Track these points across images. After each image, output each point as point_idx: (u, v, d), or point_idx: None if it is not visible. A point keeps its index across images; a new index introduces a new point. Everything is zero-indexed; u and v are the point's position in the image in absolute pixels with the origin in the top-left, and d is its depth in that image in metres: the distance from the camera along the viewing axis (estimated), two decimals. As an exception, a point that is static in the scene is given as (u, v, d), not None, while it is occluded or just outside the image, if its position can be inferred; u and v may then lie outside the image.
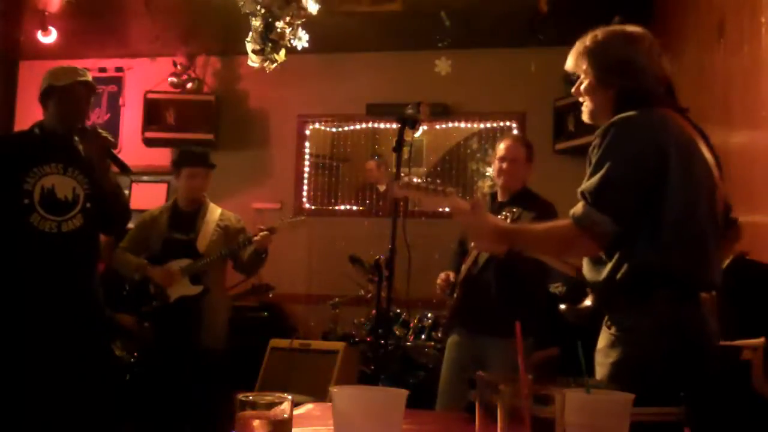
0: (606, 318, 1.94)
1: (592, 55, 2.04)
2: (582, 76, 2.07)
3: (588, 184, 1.87)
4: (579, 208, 1.87)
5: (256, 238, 4.06)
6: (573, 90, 2.12)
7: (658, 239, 1.83)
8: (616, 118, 1.90)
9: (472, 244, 3.46)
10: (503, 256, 3.37)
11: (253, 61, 4.01)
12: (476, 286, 3.56)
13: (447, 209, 2.03)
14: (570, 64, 2.10)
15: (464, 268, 3.62)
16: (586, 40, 2.07)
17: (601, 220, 1.82)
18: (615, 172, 1.84)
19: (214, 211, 4.25)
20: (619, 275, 1.85)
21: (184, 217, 4.20)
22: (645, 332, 1.83)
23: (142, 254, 4.19)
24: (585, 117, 2.11)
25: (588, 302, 1.99)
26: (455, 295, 3.63)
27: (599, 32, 2.07)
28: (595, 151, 1.90)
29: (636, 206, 1.84)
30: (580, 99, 2.10)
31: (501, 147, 3.72)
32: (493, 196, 3.77)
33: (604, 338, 1.93)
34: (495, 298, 3.50)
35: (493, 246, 2.15)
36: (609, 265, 1.87)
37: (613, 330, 1.90)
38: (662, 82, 2.05)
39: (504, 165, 3.66)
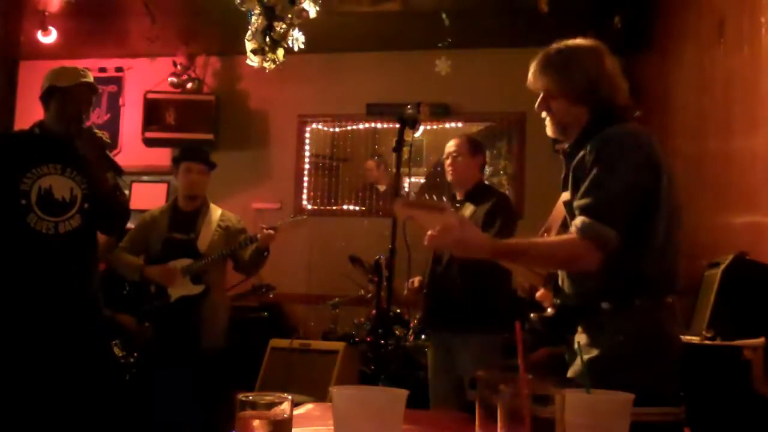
0: (583, 322, 1.99)
1: (563, 70, 2.05)
2: (546, 92, 2.07)
3: (591, 199, 1.90)
4: (585, 221, 1.89)
5: (259, 235, 4.06)
6: (537, 106, 2.11)
7: (650, 253, 1.91)
8: (608, 133, 1.94)
9: (426, 242, 3.50)
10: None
11: (252, 60, 4.00)
12: (441, 285, 3.61)
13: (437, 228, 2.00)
14: (531, 80, 2.10)
15: (428, 268, 3.67)
16: (551, 56, 2.07)
17: (609, 233, 1.87)
18: (618, 187, 1.89)
19: (215, 212, 4.25)
20: (610, 283, 1.92)
21: (184, 217, 4.19)
22: (625, 334, 1.89)
23: (141, 254, 4.18)
24: (553, 132, 2.12)
25: (550, 310, 2.05)
26: (423, 293, 3.70)
27: (561, 47, 2.08)
28: (588, 165, 1.93)
29: (631, 220, 1.89)
30: (543, 115, 2.11)
31: (447, 145, 3.82)
32: (454, 196, 3.83)
33: (582, 339, 1.98)
34: (460, 295, 3.55)
35: (447, 245, 2.10)
36: (599, 274, 1.91)
37: (591, 332, 1.96)
38: (626, 94, 2.08)
39: (448, 162, 3.74)
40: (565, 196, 2.09)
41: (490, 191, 3.79)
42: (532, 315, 2.07)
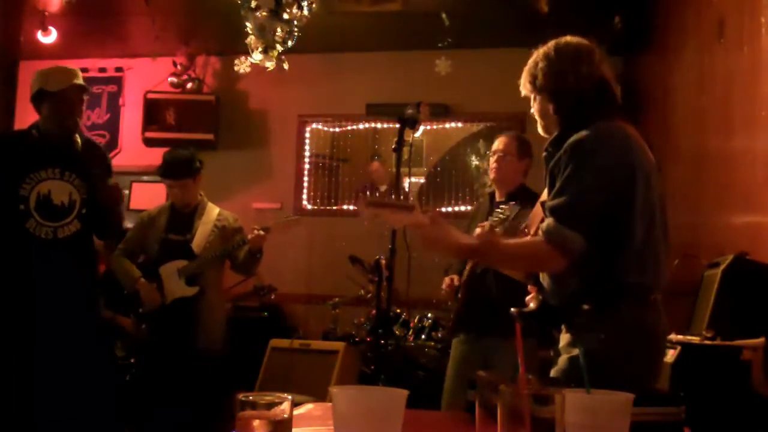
0: (567, 324, 1.99)
1: (536, 69, 2.07)
2: (535, 94, 2.10)
3: (559, 201, 1.90)
4: (551, 224, 1.89)
5: (249, 236, 4.06)
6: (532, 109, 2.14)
7: (628, 258, 1.89)
8: (582, 135, 1.92)
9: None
10: None
11: (254, 59, 4.00)
12: (479, 287, 3.55)
13: (416, 221, 2.01)
14: (521, 86, 2.14)
15: (467, 269, 3.62)
16: (538, 59, 2.10)
17: (573, 237, 1.86)
18: (586, 190, 1.88)
19: (212, 211, 4.23)
20: (588, 287, 1.92)
21: (181, 217, 4.18)
22: (609, 331, 1.89)
23: (139, 255, 4.18)
24: (541, 130, 2.14)
25: (533, 305, 2.06)
26: (459, 296, 3.63)
27: (549, 49, 2.10)
28: (561, 167, 1.93)
29: (604, 223, 1.88)
30: (537, 116, 2.13)
31: (495, 142, 3.74)
32: (492, 195, 3.76)
33: (564, 338, 2.00)
34: (498, 299, 3.50)
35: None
36: (577, 278, 1.92)
37: (573, 331, 1.97)
38: (613, 88, 2.08)
39: (495, 159, 3.67)
40: (545, 196, 2.10)
41: (536, 196, 3.74)
42: (512, 309, 2.07)
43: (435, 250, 1.98)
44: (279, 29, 3.87)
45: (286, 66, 4.01)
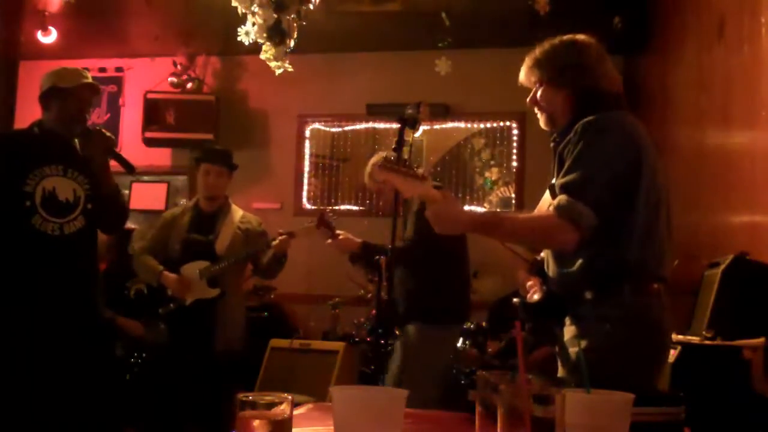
0: (571, 311, 1.99)
1: (543, 61, 2.11)
2: (536, 87, 2.13)
3: (570, 178, 1.92)
4: (562, 200, 1.91)
5: (274, 242, 4.05)
6: (528, 100, 2.17)
7: (632, 238, 1.92)
8: (593, 117, 1.96)
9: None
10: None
11: (264, 55, 3.96)
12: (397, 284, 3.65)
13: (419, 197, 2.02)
14: (522, 77, 2.16)
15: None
16: (535, 52, 2.14)
17: (586, 212, 1.87)
18: (597, 167, 1.91)
19: (236, 214, 4.21)
20: (593, 270, 1.93)
21: (204, 218, 4.16)
22: (614, 322, 1.90)
23: (162, 255, 4.14)
24: (543, 124, 2.17)
25: (536, 296, 2.05)
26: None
27: (546, 43, 2.14)
28: (571, 147, 1.95)
29: (613, 202, 1.90)
30: (535, 110, 2.16)
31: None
32: None
33: (570, 331, 2.00)
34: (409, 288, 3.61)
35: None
36: (581, 261, 1.94)
37: (580, 322, 1.96)
38: (615, 84, 2.10)
39: None
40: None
41: None
42: (514, 299, 2.08)
43: (443, 225, 1.96)
44: (289, 28, 3.85)
45: (288, 68, 3.99)
